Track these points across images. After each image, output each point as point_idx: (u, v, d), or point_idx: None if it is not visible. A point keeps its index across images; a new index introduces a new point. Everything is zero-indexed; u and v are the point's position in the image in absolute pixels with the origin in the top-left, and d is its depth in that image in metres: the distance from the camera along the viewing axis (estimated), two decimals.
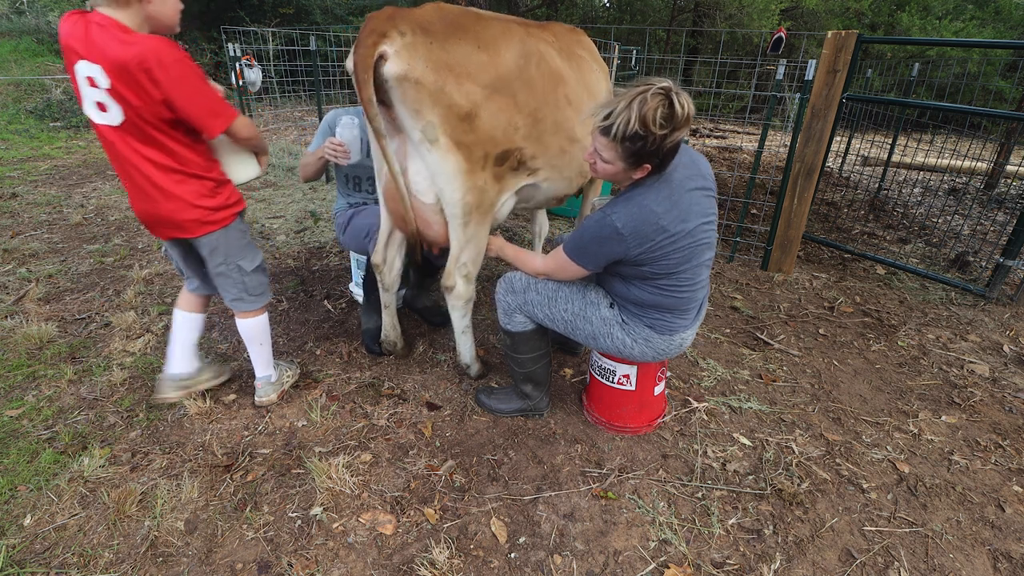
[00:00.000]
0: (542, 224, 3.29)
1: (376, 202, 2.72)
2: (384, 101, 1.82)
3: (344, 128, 2.43)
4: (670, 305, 1.80)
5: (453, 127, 1.82)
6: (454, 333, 2.36)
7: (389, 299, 2.48)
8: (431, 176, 1.94)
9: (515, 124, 1.95)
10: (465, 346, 2.40)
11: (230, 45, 5.69)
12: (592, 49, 2.52)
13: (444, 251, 2.20)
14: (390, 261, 2.38)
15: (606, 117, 1.53)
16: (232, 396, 2.32)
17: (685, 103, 1.48)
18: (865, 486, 1.99)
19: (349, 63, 1.75)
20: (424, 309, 2.94)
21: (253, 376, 2.53)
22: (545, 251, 3.03)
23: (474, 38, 1.82)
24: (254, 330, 2.16)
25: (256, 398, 2.26)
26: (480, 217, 2.04)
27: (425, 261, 2.75)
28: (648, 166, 1.59)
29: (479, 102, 1.83)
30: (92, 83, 1.62)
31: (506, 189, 2.10)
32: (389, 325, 2.55)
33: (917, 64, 6.27)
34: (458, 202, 1.96)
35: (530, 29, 2.10)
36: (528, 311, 2.01)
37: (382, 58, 1.70)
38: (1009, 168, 6.41)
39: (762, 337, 2.99)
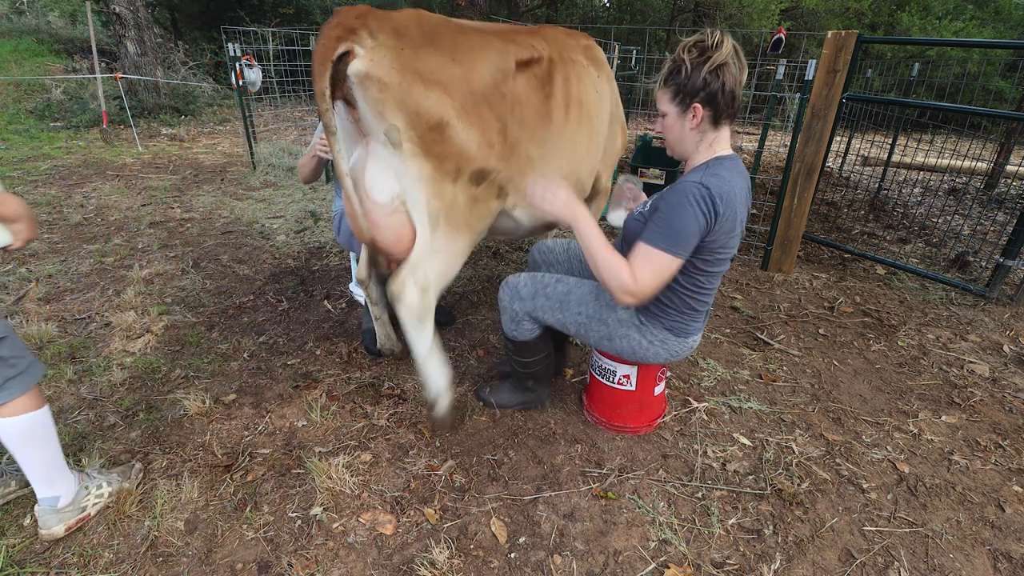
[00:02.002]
0: None
1: None
2: (349, 100, 1.75)
3: None
4: (692, 307, 1.81)
5: (421, 134, 1.73)
6: (416, 359, 2.00)
7: (378, 311, 2.45)
8: (394, 177, 1.81)
9: (490, 142, 1.85)
10: (432, 374, 1.99)
11: (230, 45, 5.69)
12: (591, 51, 2.38)
13: None
14: (375, 274, 2.35)
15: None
16: (232, 396, 2.32)
17: (717, 35, 1.55)
18: (865, 486, 1.99)
19: None
20: None
21: (254, 373, 2.53)
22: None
23: (450, 49, 1.75)
24: (9, 433, 1.54)
25: (39, 530, 1.64)
26: (451, 229, 1.88)
27: None
28: (698, 106, 1.58)
29: (452, 113, 1.74)
30: None
31: (486, 212, 1.96)
32: (383, 335, 2.53)
33: (917, 64, 6.28)
34: (423, 204, 1.82)
35: (518, 37, 1.98)
36: (539, 317, 1.94)
37: (350, 54, 1.63)
38: (1009, 168, 6.41)
39: (762, 337, 2.99)
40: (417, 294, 1.88)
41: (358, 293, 3.08)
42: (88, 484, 1.72)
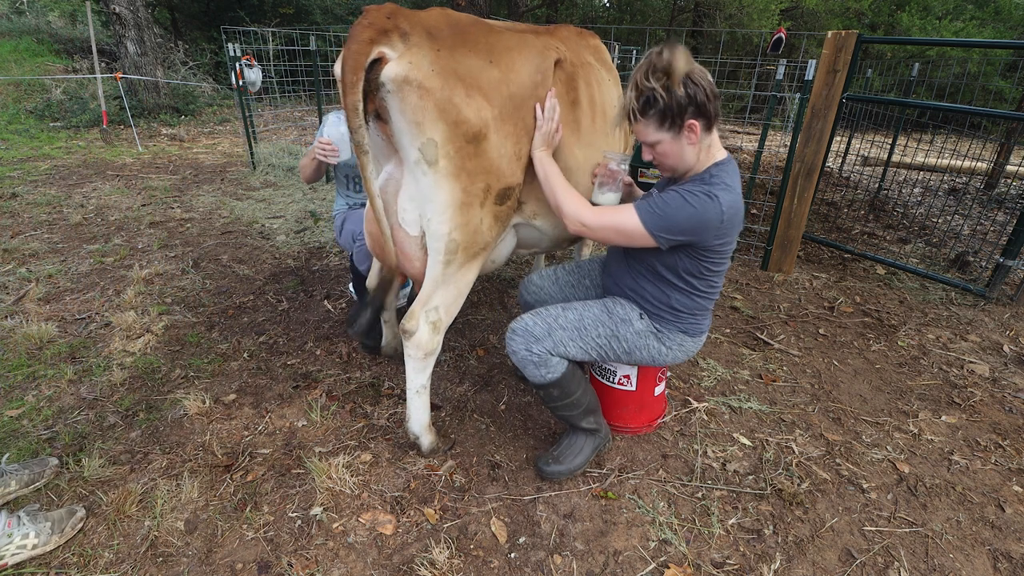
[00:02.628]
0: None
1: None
2: (380, 115, 1.59)
3: (331, 126, 2.38)
4: (704, 306, 1.83)
5: (458, 148, 1.58)
6: (406, 391, 1.95)
7: (388, 315, 2.51)
8: (421, 204, 1.68)
9: (519, 154, 1.72)
10: (417, 410, 1.95)
11: (230, 45, 5.69)
12: (600, 52, 2.29)
13: None
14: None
15: (621, 111, 1.62)
16: (232, 396, 2.32)
17: (666, 50, 1.52)
18: (865, 486, 1.99)
19: (337, 67, 1.47)
20: None
21: (254, 373, 2.53)
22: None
23: (486, 50, 1.61)
24: None
25: None
26: (466, 259, 1.76)
27: None
28: (694, 122, 1.57)
29: (490, 123, 1.60)
30: None
31: (503, 230, 1.86)
32: (391, 335, 2.60)
33: (917, 64, 6.27)
34: (443, 236, 1.68)
35: (540, 38, 1.86)
36: (561, 351, 1.79)
37: (381, 60, 1.46)
38: (1009, 168, 6.41)
39: (762, 337, 2.99)
40: (428, 331, 1.81)
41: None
42: (14, 531, 1.57)
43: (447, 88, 1.52)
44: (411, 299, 2.95)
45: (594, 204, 1.86)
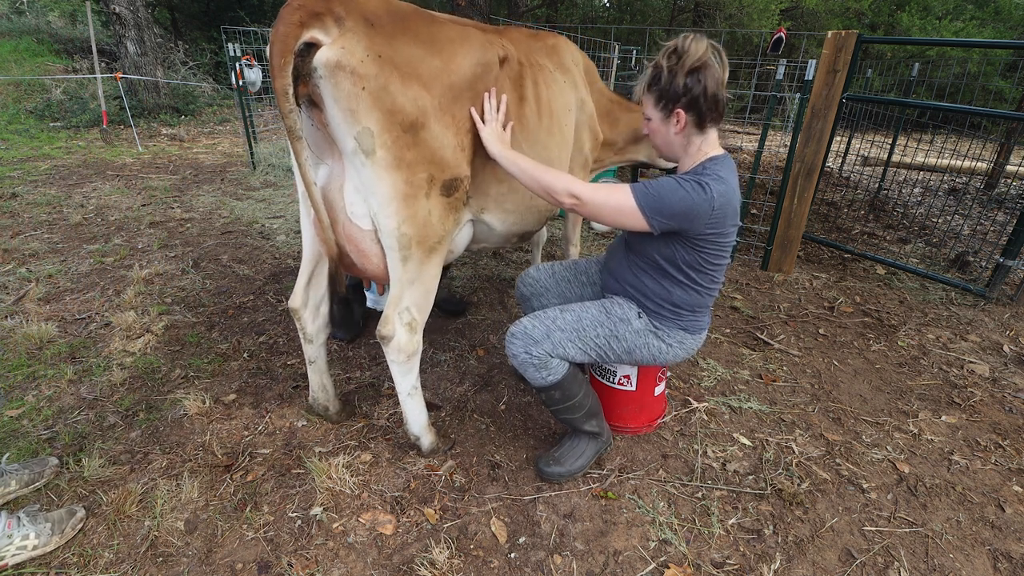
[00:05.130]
0: (540, 232, 3.16)
1: None
2: (316, 102, 1.54)
3: None
4: (704, 303, 1.84)
5: (395, 138, 1.54)
6: (398, 395, 1.95)
7: (315, 353, 2.06)
8: (366, 197, 1.64)
9: (462, 144, 1.70)
10: (413, 412, 1.95)
11: (230, 45, 5.70)
12: (557, 54, 2.26)
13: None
14: (314, 304, 1.99)
15: (640, 81, 1.70)
16: (232, 396, 2.32)
17: (691, 38, 1.58)
18: (865, 486, 1.99)
19: (269, 50, 1.42)
20: (439, 300, 2.81)
21: (254, 373, 2.52)
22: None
23: (427, 40, 1.59)
24: None
25: None
26: (424, 254, 1.72)
27: None
28: (680, 111, 1.61)
29: (428, 112, 1.58)
30: None
31: (456, 224, 1.82)
32: (317, 386, 2.13)
33: (917, 64, 6.27)
34: (393, 232, 1.64)
35: (488, 36, 1.84)
36: (560, 352, 1.78)
37: (313, 46, 1.43)
38: (1009, 168, 6.41)
39: (762, 337, 2.99)
40: (406, 333, 1.79)
41: (372, 300, 2.88)
42: (14, 532, 1.58)
43: (382, 76, 1.48)
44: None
45: (594, 228, 1.93)
